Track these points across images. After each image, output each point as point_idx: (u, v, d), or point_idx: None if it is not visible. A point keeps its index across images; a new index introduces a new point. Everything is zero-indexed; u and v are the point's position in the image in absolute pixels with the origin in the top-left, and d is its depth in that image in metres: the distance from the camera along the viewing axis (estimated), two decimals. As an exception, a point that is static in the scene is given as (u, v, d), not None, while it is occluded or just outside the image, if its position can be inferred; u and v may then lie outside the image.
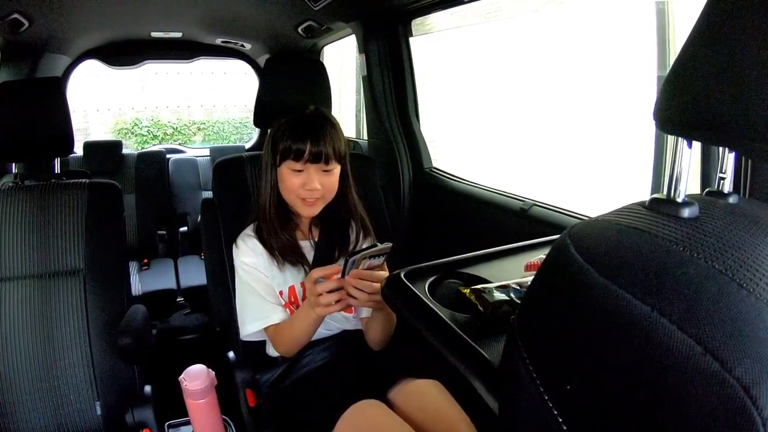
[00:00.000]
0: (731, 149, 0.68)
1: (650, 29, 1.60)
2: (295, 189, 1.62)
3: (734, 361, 0.41)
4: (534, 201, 1.97)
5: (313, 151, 1.58)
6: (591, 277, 0.50)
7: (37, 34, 2.85)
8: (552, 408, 0.52)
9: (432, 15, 2.57)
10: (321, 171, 1.62)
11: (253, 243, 1.70)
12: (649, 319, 0.45)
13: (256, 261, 1.68)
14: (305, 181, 1.60)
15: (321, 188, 1.62)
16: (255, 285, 1.66)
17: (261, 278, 1.67)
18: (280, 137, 1.63)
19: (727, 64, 0.51)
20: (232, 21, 3.42)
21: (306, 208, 1.65)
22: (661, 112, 0.59)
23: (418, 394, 1.53)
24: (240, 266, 1.71)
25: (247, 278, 1.68)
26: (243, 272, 1.69)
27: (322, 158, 1.60)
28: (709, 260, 0.48)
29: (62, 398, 1.76)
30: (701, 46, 0.55)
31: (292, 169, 1.61)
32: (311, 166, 1.60)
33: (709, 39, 0.54)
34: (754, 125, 0.49)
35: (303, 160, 1.59)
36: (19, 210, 1.82)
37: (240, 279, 1.71)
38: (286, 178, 1.62)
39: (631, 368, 0.46)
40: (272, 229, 1.68)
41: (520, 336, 0.58)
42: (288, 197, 1.66)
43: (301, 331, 1.56)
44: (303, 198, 1.63)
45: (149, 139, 9.29)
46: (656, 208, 0.60)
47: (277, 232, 1.68)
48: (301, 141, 1.58)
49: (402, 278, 0.89)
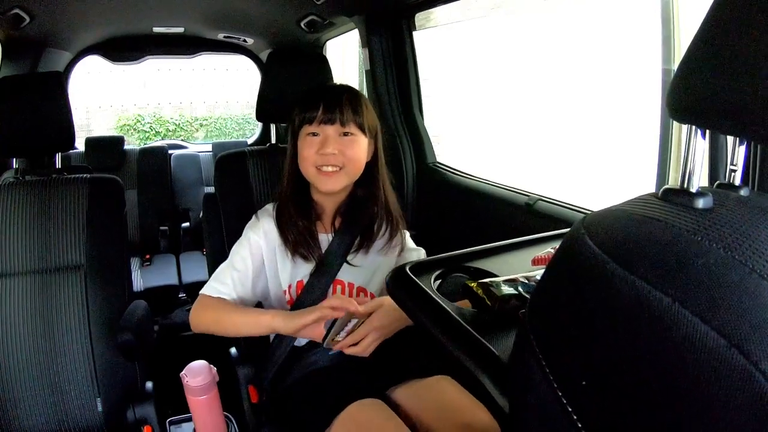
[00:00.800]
0: (746, 137, 0.66)
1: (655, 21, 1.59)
2: (312, 157, 1.53)
3: (760, 354, 0.40)
4: (539, 196, 1.95)
5: (328, 109, 1.51)
6: (608, 268, 0.48)
7: (38, 29, 2.84)
8: (566, 404, 0.50)
9: (435, 9, 2.55)
10: (339, 134, 1.53)
11: (271, 227, 1.62)
12: (670, 311, 0.43)
13: (261, 246, 1.62)
14: (320, 144, 1.52)
15: (338, 154, 1.52)
16: (237, 262, 1.60)
17: (247, 264, 1.60)
18: (297, 111, 1.57)
19: (742, 50, 0.50)
20: (234, 16, 3.42)
21: (325, 179, 1.55)
22: (674, 100, 0.57)
23: (430, 389, 1.52)
24: (242, 239, 1.64)
25: (237, 252, 1.62)
26: (239, 246, 1.63)
27: (338, 118, 1.51)
28: (729, 250, 0.46)
29: (63, 394, 1.75)
30: (715, 32, 0.53)
31: (308, 134, 1.54)
32: (327, 127, 1.52)
33: (724, 25, 0.52)
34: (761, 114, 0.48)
35: (317, 121, 1.52)
36: (20, 205, 1.81)
37: (235, 246, 1.64)
38: (304, 147, 1.54)
39: (651, 362, 0.44)
40: (289, 212, 1.60)
41: (531, 330, 0.57)
42: (307, 171, 1.56)
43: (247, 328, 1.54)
44: (320, 167, 1.53)
45: (151, 135, 9.29)
46: (670, 199, 0.58)
47: (294, 217, 1.59)
48: (315, 102, 1.52)
49: (407, 272, 0.88)
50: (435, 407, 1.46)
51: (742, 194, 0.69)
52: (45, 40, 3.20)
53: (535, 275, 0.88)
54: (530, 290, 0.83)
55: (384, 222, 1.66)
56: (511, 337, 0.67)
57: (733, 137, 0.67)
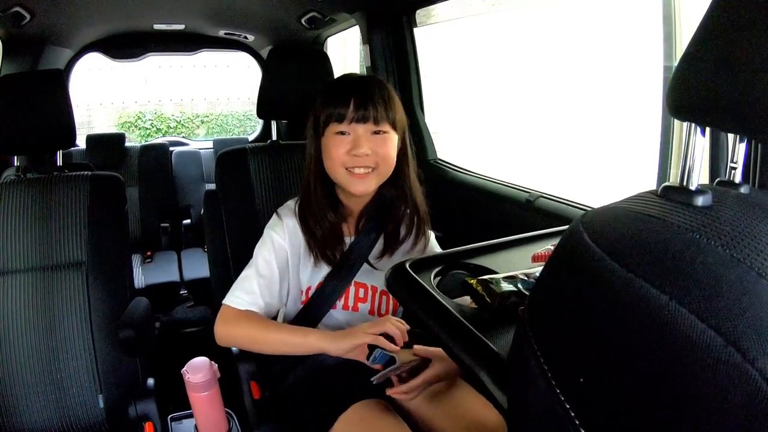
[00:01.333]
0: (746, 135, 0.66)
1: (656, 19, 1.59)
2: (342, 158, 1.42)
3: (756, 352, 0.40)
4: (540, 192, 1.95)
5: (359, 106, 1.39)
6: (606, 265, 0.49)
7: (38, 27, 2.84)
8: (564, 401, 0.50)
9: (436, 6, 2.55)
10: (370, 133, 1.42)
11: (294, 226, 1.54)
12: (668, 309, 0.43)
13: (285, 247, 1.53)
14: (352, 144, 1.41)
15: (371, 154, 1.42)
16: (262, 269, 1.51)
17: (272, 267, 1.51)
18: (321, 104, 1.46)
19: (744, 48, 0.50)
20: (234, 12, 3.42)
21: (356, 181, 1.44)
22: (674, 97, 0.57)
23: (435, 388, 1.49)
24: (265, 239, 1.55)
25: (260, 254, 1.53)
26: (263, 247, 1.54)
27: (371, 116, 1.40)
28: (727, 248, 0.46)
29: (65, 391, 1.76)
30: (715, 30, 0.54)
31: (336, 133, 1.42)
32: (358, 126, 1.41)
33: (723, 23, 0.53)
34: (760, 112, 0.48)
35: (347, 119, 1.40)
36: (21, 203, 1.82)
37: (257, 249, 1.55)
38: (331, 146, 1.43)
39: (648, 359, 0.45)
40: (313, 212, 1.51)
41: (530, 327, 0.57)
42: (335, 173, 1.46)
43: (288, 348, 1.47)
44: (351, 169, 1.43)
45: (153, 132, 9.30)
46: (669, 196, 0.59)
47: (320, 217, 1.50)
48: (344, 98, 1.41)
49: (407, 269, 0.88)
50: (441, 405, 1.47)
51: (742, 192, 0.69)
52: (46, 38, 3.20)
53: (534, 272, 0.88)
54: (529, 287, 0.83)
55: (411, 223, 1.59)
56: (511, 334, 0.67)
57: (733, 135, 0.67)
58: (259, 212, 1.96)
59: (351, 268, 1.55)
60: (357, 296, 1.58)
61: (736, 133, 0.66)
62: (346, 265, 1.55)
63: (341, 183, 1.48)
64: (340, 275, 1.54)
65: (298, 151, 2.06)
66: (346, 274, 1.55)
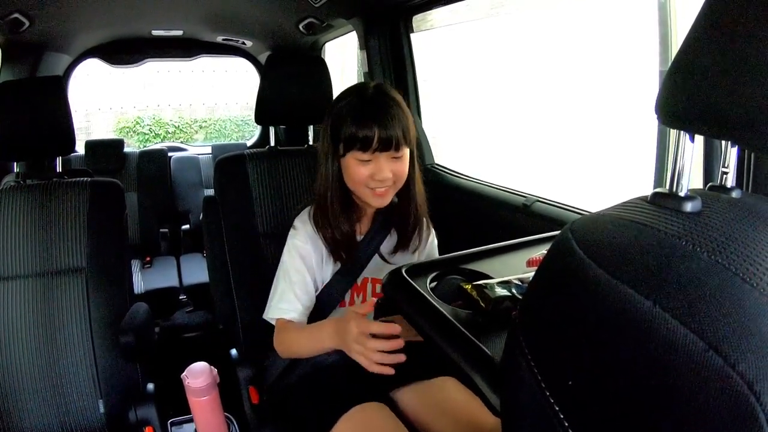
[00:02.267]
0: (734, 142, 0.67)
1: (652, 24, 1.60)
2: (363, 180, 1.46)
3: (737, 356, 0.41)
4: (536, 197, 1.96)
5: (383, 137, 1.41)
6: (592, 271, 0.50)
7: (37, 33, 2.85)
8: (553, 403, 0.51)
9: (433, 11, 2.56)
10: (391, 158, 1.46)
11: (311, 229, 1.58)
12: (651, 314, 0.44)
13: (309, 251, 1.57)
14: (374, 171, 1.45)
15: (392, 176, 1.47)
16: (293, 274, 1.56)
17: (302, 271, 1.56)
18: (341, 123, 1.46)
19: (730, 57, 0.51)
20: (232, 18, 3.43)
21: (376, 198, 1.50)
22: (663, 105, 0.58)
23: (434, 391, 1.54)
24: (290, 249, 1.59)
25: (290, 264, 1.57)
26: (289, 256, 1.58)
27: (393, 145, 1.43)
28: (712, 254, 0.47)
29: (65, 396, 1.77)
30: (703, 38, 0.54)
31: (359, 159, 1.45)
32: (380, 154, 1.44)
33: (712, 32, 0.53)
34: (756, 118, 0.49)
35: (371, 150, 1.43)
36: (21, 209, 1.83)
37: (283, 261, 1.60)
38: (353, 169, 1.47)
39: (632, 363, 0.46)
40: (327, 218, 1.55)
41: (521, 331, 0.58)
42: (355, 188, 1.52)
43: (307, 349, 1.50)
44: (373, 189, 1.48)
45: (151, 137, 9.28)
46: (658, 203, 0.60)
47: (336, 223, 1.54)
48: (368, 127, 1.41)
49: (403, 274, 0.89)
50: (439, 408, 1.49)
51: (733, 196, 0.70)
52: (44, 44, 3.21)
53: (528, 277, 0.89)
54: (523, 292, 0.85)
55: (417, 219, 1.63)
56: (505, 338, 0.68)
57: (724, 140, 0.68)
58: (257, 218, 1.97)
59: (356, 266, 1.62)
60: (374, 291, 1.64)
61: (724, 140, 0.67)
62: (358, 263, 1.62)
63: (362, 197, 1.53)
64: (348, 271, 1.61)
65: (296, 157, 2.07)
66: (351, 270, 1.61)
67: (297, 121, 2.18)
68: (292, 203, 2.01)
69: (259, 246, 1.96)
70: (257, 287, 1.92)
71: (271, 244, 1.97)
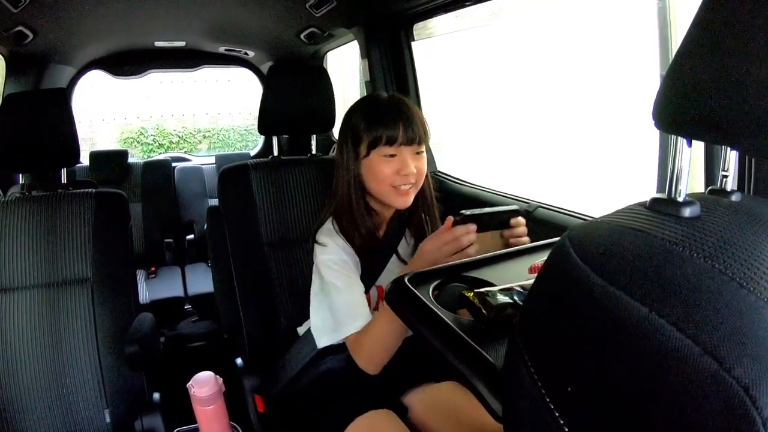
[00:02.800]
0: (730, 146, 0.68)
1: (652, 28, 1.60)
2: (389, 178, 1.50)
3: (733, 361, 0.41)
4: (539, 203, 1.96)
5: (408, 131, 1.48)
6: (589, 279, 0.50)
7: (41, 45, 2.88)
8: (553, 410, 0.52)
9: (434, 19, 2.58)
10: (414, 154, 1.52)
11: (341, 240, 1.57)
12: (647, 320, 0.45)
13: (346, 260, 1.56)
14: (400, 166, 1.49)
15: (415, 172, 1.51)
16: (345, 285, 1.51)
17: (349, 276, 1.53)
18: (364, 126, 1.52)
19: (725, 62, 0.51)
20: (234, 29, 3.45)
21: (400, 197, 1.53)
22: (660, 110, 0.58)
23: (441, 395, 1.54)
24: (326, 266, 1.55)
25: (334, 277, 1.52)
26: (329, 271, 1.54)
27: (416, 139, 1.50)
28: (709, 259, 0.48)
29: (71, 406, 1.77)
30: (699, 43, 0.55)
31: (385, 155, 1.50)
32: (405, 148, 1.50)
33: (707, 37, 0.54)
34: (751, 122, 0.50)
35: (397, 143, 1.48)
36: (26, 220, 1.84)
37: (324, 281, 1.54)
38: (378, 167, 1.51)
39: (630, 369, 0.46)
40: (359, 224, 1.57)
41: (521, 338, 0.58)
42: (380, 189, 1.54)
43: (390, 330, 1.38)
44: (397, 186, 1.51)
45: (155, 147, 9.31)
46: (657, 208, 0.60)
47: (363, 228, 1.57)
48: (393, 123, 1.48)
49: (406, 282, 0.89)
50: (446, 414, 1.49)
51: (733, 200, 0.71)
52: (48, 56, 3.23)
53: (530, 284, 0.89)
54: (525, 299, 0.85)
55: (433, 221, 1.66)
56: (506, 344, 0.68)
57: (724, 143, 0.68)
58: (261, 227, 1.98)
59: (381, 265, 1.64)
60: None
61: (721, 144, 0.67)
62: (378, 263, 1.64)
63: (385, 198, 1.56)
64: (369, 273, 1.61)
65: (299, 166, 2.08)
66: (375, 270, 1.63)
67: (300, 131, 2.19)
68: (296, 212, 2.02)
69: (263, 255, 1.97)
70: (262, 296, 1.93)
71: (276, 253, 1.98)
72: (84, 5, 2.58)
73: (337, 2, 2.48)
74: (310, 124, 2.16)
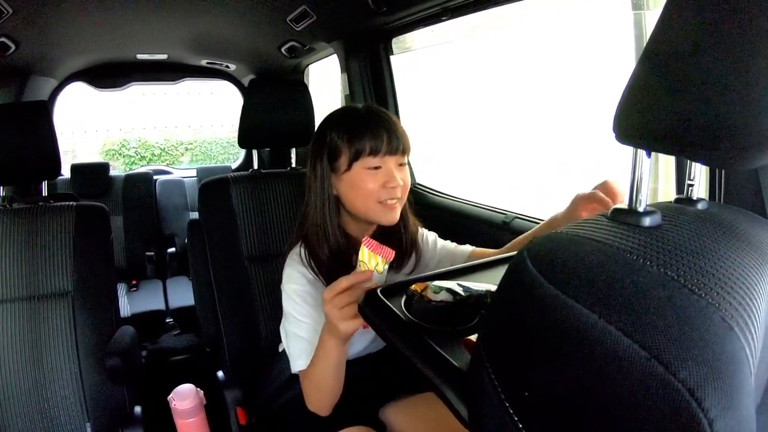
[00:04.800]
0: (688, 158, 0.70)
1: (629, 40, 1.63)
2: (375, 193, 1.38)
3: (678, 365, 0.43)
4: (515, 214, 1.99)
5: (392, 140, 1.38)
6: (543, 288, 0.52)
7: (23, 57, 2.87)
8: (513, 414, 0.53)
9: (412, 33, 2.60)
10: (397, 165, 1.41)
11: (307, 271, 1.45)
12: (596, 327, 0.46)
13: (309, 290, 1.44)
14: (386, 178, 1.38)
15: (402, 184, 1.40)
16: (301, 322, 1.42)
17: (309, 314, 1.42)
18: (342, 140, 1.40)
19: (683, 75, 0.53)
20: (216, 42, 3.46)
21: (388, 213, 1.41)
22: (619, 123, 0.60)
23: (419, 406, 1.53)
24: (288, 295, 1.45)
25: (295, 312, 1.43)
26: (291, 303, 1.44)
27: (401, 148, 1.39)
28: (662, 267, 0.50)
29: (52, 420, 1.76)
30: (652, 59, 0.56)
31: (369, 167, 1.38)
32: (389, 159, 1.39)
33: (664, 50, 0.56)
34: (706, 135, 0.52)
35: (381, 153, 1.37)
36: (7, 233, 1.83)
37: (287, 313, 1.46)
38: (361, 181, 1.39)
39: (580, 375, 0.48)
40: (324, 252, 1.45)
41: (483, 345, 0.60)
42: (365, 206, 1.41)
43: (326, 374, 1.31)
44: (383, 201, 1.40)
45: (137, 160, 9.28)
46: (618, 219, 0.62)
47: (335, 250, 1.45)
48: (377, 132, 1.37)
49: (379, 294, 0.90)
50: (423, 424, 1.48)
51: (699, 208, 0.73)
52: (30, 68, 3.23)
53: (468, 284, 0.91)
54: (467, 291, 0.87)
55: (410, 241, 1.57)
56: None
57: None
58: (242, 240, 1.99)
59: None
60: None
61: (678, 156, 0.69)
62: None
63: (370, 215, 1.43)
64: None
65: (279, 179, 2.09)
66: None
67: (280, 144, 2.20)
68: (276, 225, 2.03)
69: (244, 269, 1.97)
70: (243, 310, 1.93)
71: (256, 266, 1.99)
72: (67, 17, 2.59)
73: (317, 17, 2.50)
74: (290, 138, 2.17)
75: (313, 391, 1.37)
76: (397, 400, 1.59)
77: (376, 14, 2.27)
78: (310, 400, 1.38)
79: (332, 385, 1.32)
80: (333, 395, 1.35)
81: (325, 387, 1.33)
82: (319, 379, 1.32)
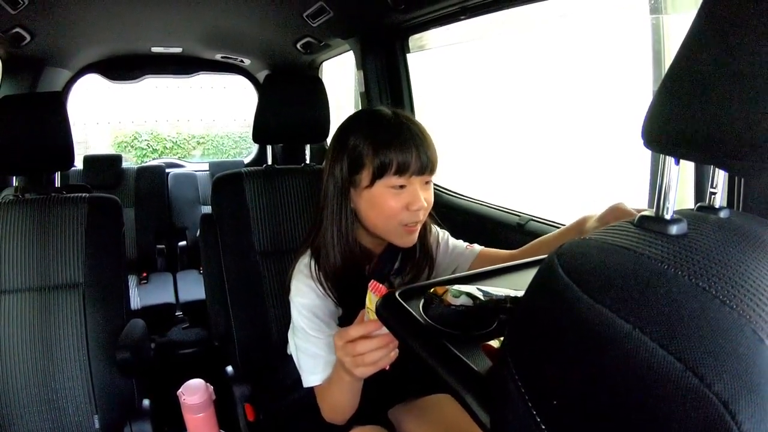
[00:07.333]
0: (716, 166, 0.68)
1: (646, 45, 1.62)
2: (397, 212, 1.29)
3: (713, 377, 0.42)
4: (530, 216, 1.98)
5: (422, 159, 1.26)
6: (575, 295, 0.51)
7: (38, 48, 2.88)
8: (540, 422, 0.52)
9: (430, 32, 2.59)
10: (423, 184, 1.30)
11: (312, 284, 1.38)
12: (631, 337, 0.45)
13: (318, 304, 1.37)
14: (411, 200, 1.28)
15: (426, 206, 1.31)
16: (312, 337, 1.35)
17: (320, 329, 1.36)
18: (367, 152, 1.28)
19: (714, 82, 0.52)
20: (231, 37, 3.46)
21: (406, 236, 1.33)
22: (648, 130, 0.59)
23: (430, 408, 1.52)
24: (297, 309, 1.39)
25: (306, 326, 1.36)
26: (300, 317, 1.37)
27: (429, 167, 1.28)
28: (693, 277, 0.49)
29: (61, 411, 1.77)
30: (688, 63, 0.55)
31: (393, 187, 1.27)
32: (416, 179, 1.28)
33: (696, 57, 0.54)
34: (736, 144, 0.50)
35: (408, 173, 1.26)
36: (19, 223, 1.83)
37: (297, 327, 1.39)
38: (384, 201, 1.28)
39: (613, 385, 0.47)
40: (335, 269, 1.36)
41: (509, 352, 0.59)
42: (385, 226, 1.33)
43: (341, 398, 1.28)
44: (406, 224, 1.31)
45: (149, 152, 9.30)
46: (645, 226, 0.61)
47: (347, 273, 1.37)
48: (407, 149, 1.25)
49: (397, 297, 0.89)
50: (434, 426, 1.47)
51: (721, 216, 0.72)
52: (45, 59, 3.24)
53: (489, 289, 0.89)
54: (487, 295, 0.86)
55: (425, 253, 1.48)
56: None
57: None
58: (254, 236, 1.98)
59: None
60: None
61: (707, 164, 0.68)
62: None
63: (389, 236, 1.36)
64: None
65: (293, 176, 2.08)
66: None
67: (294, 140, 2.20)
68: (289, 221, 2.02)
69: (256, 264, 1.97)
70: (253, 305, 1.92)
71: (268, 262, 1.98)
72: (82, 9, 2.59)
73: (334, 13, 2.49)
74: (305, 134, 2.16)
75: (328, 408, 1.34)
76: (407, 401, 1.58)
77: (394, 12, 2.26)
78: (326, 414, 1.35)
79: (349, 405, 1.30)
80: (349, 411, 1.32)
81: (340, 408, 1.31)
82: (335, 402, 1.30)
